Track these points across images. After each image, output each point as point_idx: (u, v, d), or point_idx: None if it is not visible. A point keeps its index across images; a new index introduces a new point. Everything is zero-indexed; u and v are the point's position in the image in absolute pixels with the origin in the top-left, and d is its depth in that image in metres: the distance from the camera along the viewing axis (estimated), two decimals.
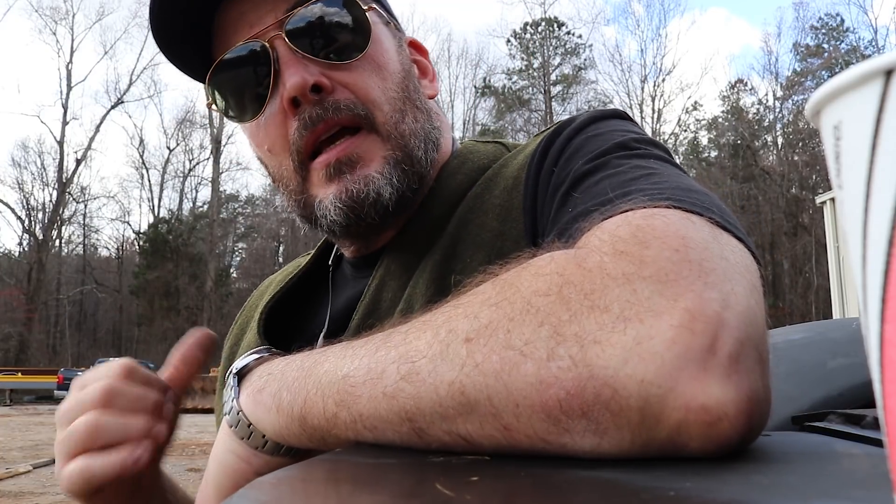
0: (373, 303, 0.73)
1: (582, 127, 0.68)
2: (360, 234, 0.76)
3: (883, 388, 0.19)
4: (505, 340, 0.38)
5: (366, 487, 0.34)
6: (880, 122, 0.18)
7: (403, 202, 0.72)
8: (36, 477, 6.97)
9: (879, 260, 0.18)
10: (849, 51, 32.76)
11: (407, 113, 0.73)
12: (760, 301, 0.41)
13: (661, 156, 0.61)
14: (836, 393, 0.66)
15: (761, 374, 0.38)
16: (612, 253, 0.41)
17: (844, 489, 0.29)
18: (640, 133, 0.66)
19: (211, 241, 36.91)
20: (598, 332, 0.36)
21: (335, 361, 0.46)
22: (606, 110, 0.71)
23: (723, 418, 0.35)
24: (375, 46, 0.73)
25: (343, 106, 0.69)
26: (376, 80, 0.72)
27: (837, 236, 12.04)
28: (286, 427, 0.48)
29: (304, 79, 0.68)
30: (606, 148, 0.62)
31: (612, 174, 0.57)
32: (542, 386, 0.36)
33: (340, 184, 0.69)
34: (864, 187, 0.19)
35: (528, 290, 0.40)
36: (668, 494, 0.28)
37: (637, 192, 0.50)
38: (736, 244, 0.45)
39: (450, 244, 0.70)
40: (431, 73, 0.83)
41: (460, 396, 0.38)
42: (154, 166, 39.94)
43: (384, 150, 0.71)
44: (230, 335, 0.92)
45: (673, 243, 0.40)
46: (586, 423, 0.36)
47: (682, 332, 0.36)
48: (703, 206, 0.47)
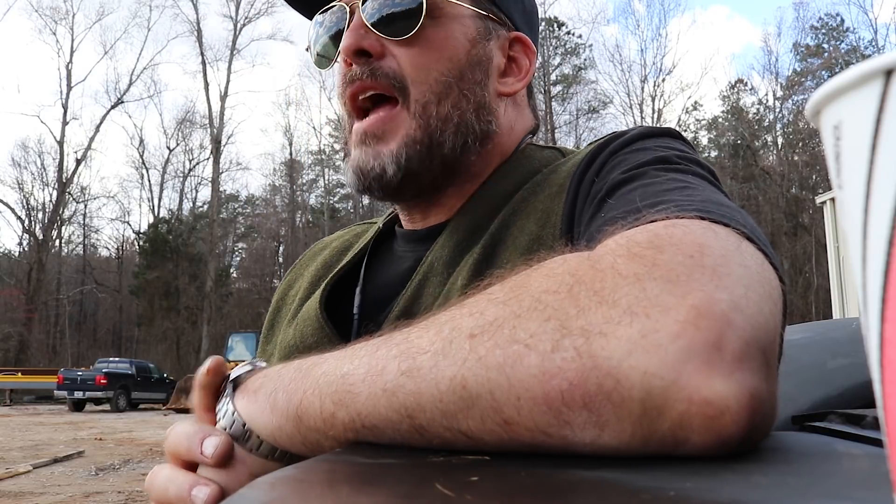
0: (414, 297, 0.75)
1: (630, 141, 0.70)
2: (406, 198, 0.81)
3: (883, 389, 0.19)
4: (510, 335, 0.38)
5: (365, 488, 0.34)
6: (880, 122, 0.18)
7: (419, 182, 0.77)
8: (36, 477, 6.96)
9: (879, 260, 0.18)
10: (849, 51, 32.75)
11: (447, 98, 0.76)
12: (775, 312, 0.41)
13: (700, 173, 0.62)
14: (836, 393, 0.66)
15: (766, 377, 0.38)
16: (626, 255, 0.41)
17: (845, 489, 0.29)
18: (687, 152, 0.67)
19: (211, 241, 36.89)
20: (604, 325, 0.37)
21: (334, 362, 0.46)
22: (659, 128, 0.72)
23: (725, 412, 0.35)
24: (435, 30, 0.77)
25: (381, 73, 0.76)
26: (425, 59, 0.76)
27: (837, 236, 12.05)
28: (280, 427, 0.47)
29: (353, 42, 0.75)
30: (646, 160, 0.63)
31: (647, 184, 0.58)
32: (545, 377, 0.36)
33: (361, 151, 0.76)
34: (864, 187, 0.19)
35: (538, 289, 0.40)
36: (669, 494, 0.28)
37: (668, 202, 0.50)
38: (760, 257, 0.45)
39: (490, 244, 0.72)
40: (524, 72, 0.84)
41: (461, 391, 0.38)
42: (154, 166, 39.94)
43: (406, 129, 0.75)
44: (278, 290, 0.95)
45: (689, 250, 0.41)
46: (587, 415, 0.36)
47: (688, 328, 0.36)
48: (730, 219, 0.47)
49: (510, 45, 0.83)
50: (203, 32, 38.64)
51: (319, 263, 0.91)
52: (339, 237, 0.97)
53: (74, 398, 19.80)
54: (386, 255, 0.87)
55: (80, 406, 20.09)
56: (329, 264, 0.90)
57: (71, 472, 7.30)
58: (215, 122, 37.48)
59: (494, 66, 0.81)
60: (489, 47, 0.81)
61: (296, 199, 41.48)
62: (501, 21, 0.83)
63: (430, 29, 0.76)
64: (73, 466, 7.74)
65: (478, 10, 0.80)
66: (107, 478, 7.03)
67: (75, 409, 19.90)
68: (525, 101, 0.88)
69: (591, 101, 36.42)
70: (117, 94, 38.56)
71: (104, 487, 6.43)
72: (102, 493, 6.13)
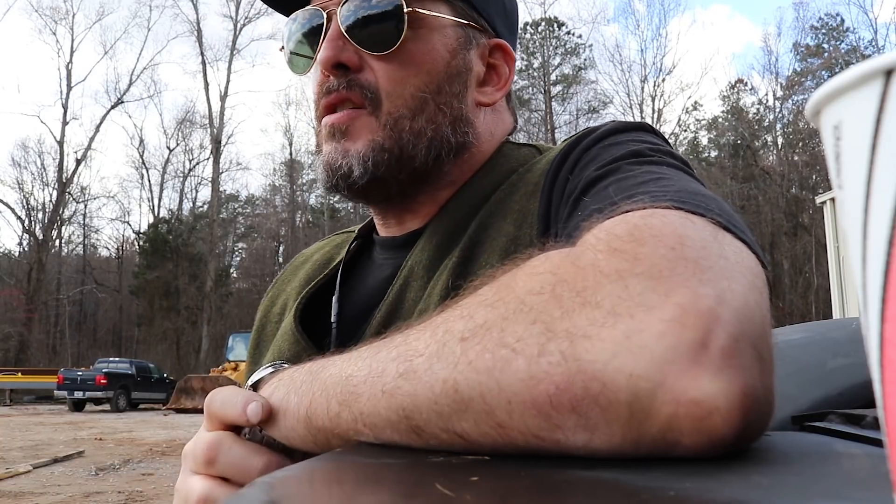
0: (396, 302, 0.74)
1: (602, 137, 0.69)
2: (375, 201, 0.81)
3: (883, 388, 0.19)
4: (498, 339, 0.38)
5: (366, 487, 0.34)
6: (880, 122, 0.18)
7: (386, 187, 0.76)
8: (36, 477, 6.97)
9: (879, 259, 0.18)
10: (849, 51, 32.74)
11: (422, 113, 0.75)
12: (761, 300, 0.41)
13: (674, 164, 0.61)
14: (836, 393, 0.66)
15: (759, 372, 0.37)
16: (607, 250, 0.41)
17: (845, 489, 0.29)
18: (660, 144, 0.67)
19: (211, 241, 36.89)
20: (588, 328, 0.36)
21: (341, 364, 0.47)
22: (631, 122, 0.72)
23: (714, 413, 0.34)
24: (415, 43, 0.75)
25: (357, 85, 0.75)
26: (402, 74, 0.75)
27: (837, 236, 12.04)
28: (293, 429, 0.49)
29: (331, 56, 0.74)
30: (620, 155, 0.62)
31: (622, 178, 0.57)
32: (532, 381, 0.36)
33: (331, 146, 0.76)
34: (864, 187, 0.19)
35: (523, 290, 0.40)
36: (668, 494, 0.28)
37: (642, 194, 0.50)
38: (739, 245, 0.44)
39: (469, 246, 0.72)
40: (503, 81, 0.82)
41: (454, 394, 0.38)
42: (154, 166, 39.95)
43: (373, 134, 0.74)
44: (260, 308, 0.94)
45: (669, 241, 0.40)
46: (576, 419, 0.35)
47: (673, 326, 0.35)
48: (706, 208, 0.46)
49: (490, 53, 0.81)
50: (203, 32, 38.70)
51: (302, 278, 0.90)
52: (319, 249, 0.96)
53: (74, 398, 19.81)
54: (365, 263, 0.86)
55: (80, 406, 20.11)
56: (311, 278, 0.88)
57: (71, 472, 7.30)
58: (215, 122, 37.50)
59: (474, 75, 0.79)
60: (469, 57, 0.79)
61: (296, 199, 41.50)
62: (482, 28, 0.81)
63: (411, 42, 0.75)
64: (73, 466, 7.75)
65: (458, 18, 0.78)
66: (107, 478, 7.03)
67: (75, 409, 19.91)
68: (504, 106, 0.86)
69: (592, 101, 36.47)
70: (117, 94, 38.61)
71: (104, 487, 6.43)
72: (102, 493, 6.13)
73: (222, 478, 0.53)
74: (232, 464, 0.52)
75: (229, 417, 0.53)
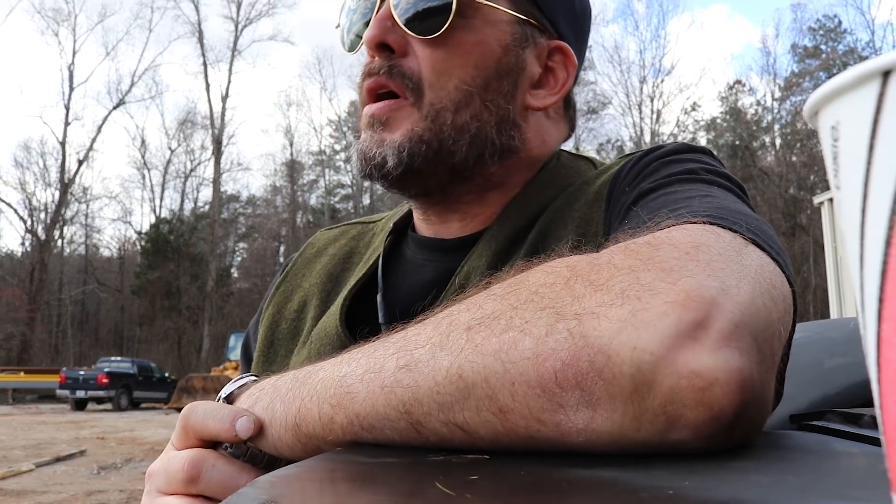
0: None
1: (664, 155, 0.70)
2: (411, 194, 0.78)
3: (880, 387, 0.19)
4: (507, 324, 0.39)
5: (365, 487, 0.34)
6: (878, 122, 0.18)
7: (423, 181, 0.74)
8: (38, 476, 6.97)
9: (877, 260, 0.19)
10: (846, 52, 32.65)
11: (466, 107, 0.72)
12: (771, 307, 0.42)
13: (725, 185, 0.62)
14: (834, 392, 0.66)
15: (758, 361, 0.38)
16: (623, 251, 0.43)
17: (843, 488, 0.29)
18: (716, 166, 0.67)
19: (212, 242, 36.87)
20: (596, 308, 0.38)
21: (331, 368, 0.46)
22: (694, 145, 0.72)
23: (714, 384, 0.36)
24: (465, 32, 0.72)
25: (398, 72, 0.73)
26: (448, 65, 0.72)
27: (835, 237, 12.02)
28: (280, 438, 0.47)
29: (376, 35, 0.73)
30: (674, 172, 0.64)
31: (670, 193, 0.59)
32: (538, 359, 0.37)
33: (367, 135, 0.74)
34: (861, 188, 0.19)
35: (536, 283, 0.42)
36: (667, 493, 0.28)
37: (684, 209, 0.51)
38: (766, 260, 0.45)
39: (529, 254, 0.70)
40: (560, 86, 0.79)
41: (458, 380, 0.39)
42: (155, 167, 39.91)
43: (413, 124, 0.72)
44: (270, 303, 0.88)
45: (685, 248, 0.42)
46: (580, 395, 0.36)
47: (675, 307, 0.37)
48: (740, 225, 0.47)
49: (549, 55, 0.78)
50: (204, 33, 38.64)
51: (321, 273, 0.86)
52: (333, 241, 0.91)
53: (76, 397, 19.84)
54: (398, 261, 0.82)
55: (82, 405, 20.13)
56: (334, 275, 0.85)
57: (73, 471, 7.30)
58: (216, 123, 37.49)
59: (527, 76, 0.76)
60: (523, 55, 0.75)
61: (296, 200, 41.49)
62: (542, 27, 0.77)
63: (460, 31, 0.72)
64: (75, 465, 7.75)
65: (517, 13, 0.75)
66: (108, 476, 7.03)
67: (77, 408, 19.92)
68: (561, 113, 0.83)
69: (591, 101, 36.36)
70: (119, 95, 38.57)
71: (106, 486, 6.43)
72: (104, 492, 6.14)
73: (203, 496, 0.49)
74: (218, 482, 0.49)
75: (212, 432, 0.49)
